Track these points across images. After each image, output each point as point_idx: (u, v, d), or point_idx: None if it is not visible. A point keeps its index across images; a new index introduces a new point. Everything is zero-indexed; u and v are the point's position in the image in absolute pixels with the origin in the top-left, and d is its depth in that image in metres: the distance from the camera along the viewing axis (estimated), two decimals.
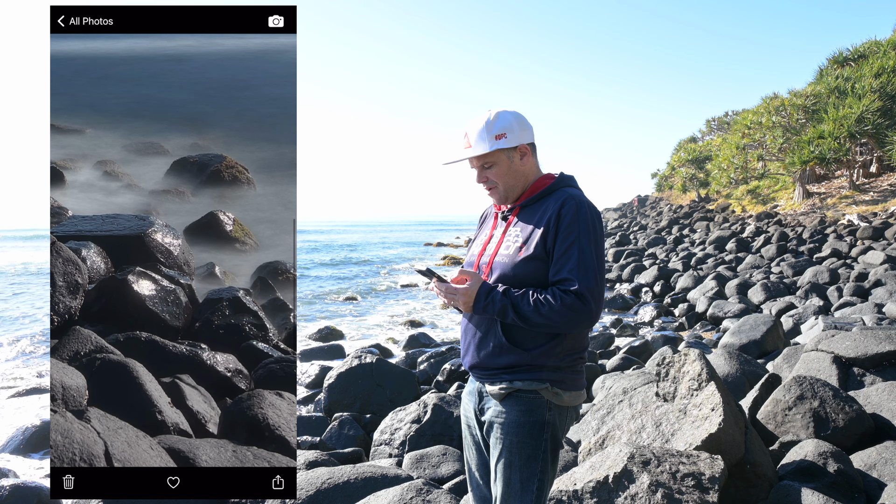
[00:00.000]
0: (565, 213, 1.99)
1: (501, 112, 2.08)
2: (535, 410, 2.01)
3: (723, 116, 39.23)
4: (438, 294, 2.06)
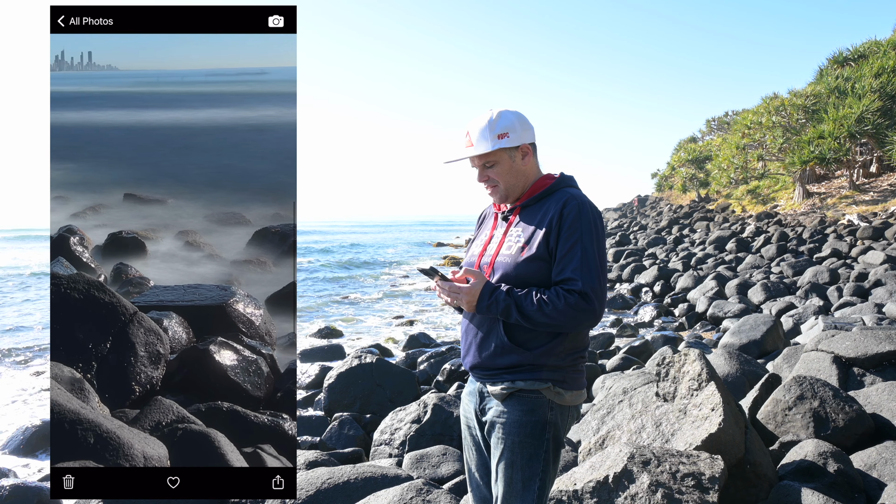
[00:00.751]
0: (567, 213, 1.99)
1: (503, 111, 2.08)
2: (536, 410, 2.02)
3: (723, 116, 39.24)
4: (441, 294, 2.06)
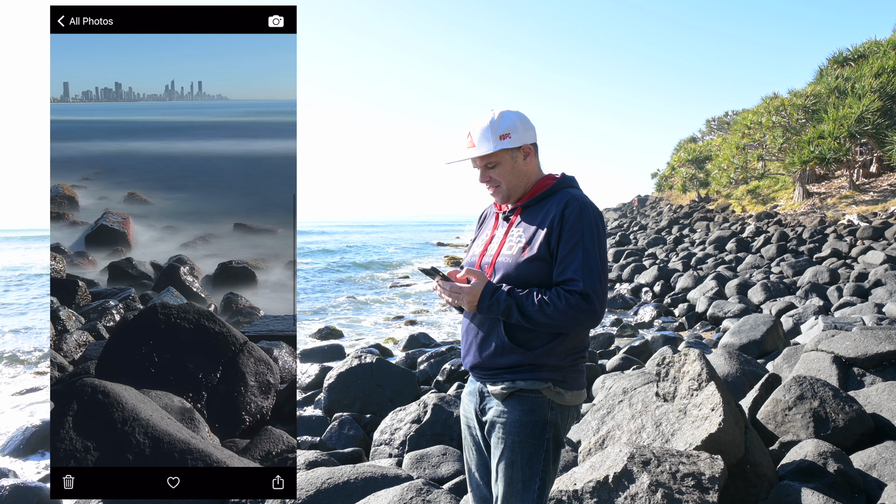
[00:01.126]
0: (569, 213, 1.99)
1: (505, 112, 2.08)
2: (537, 410, 2.02)
3: (723, 116, 39.22)
4: (442, 294, 2.06)
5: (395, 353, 8.99)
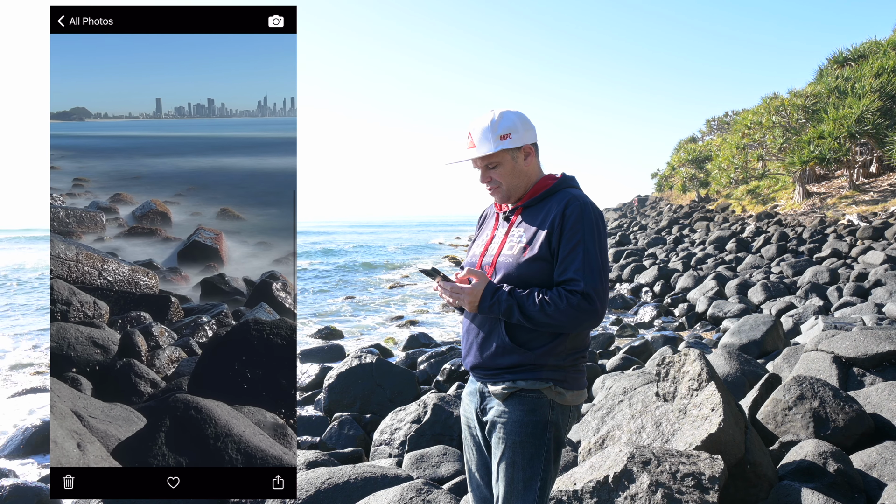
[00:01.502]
0: (569, 213, 1.99)
1: (505, 112, 2.08)
2: (538, 410, 2.02)
3: (723, 116, 39.22)
4: (443, 294, 2.06)
5: (395, 353, 8.99)
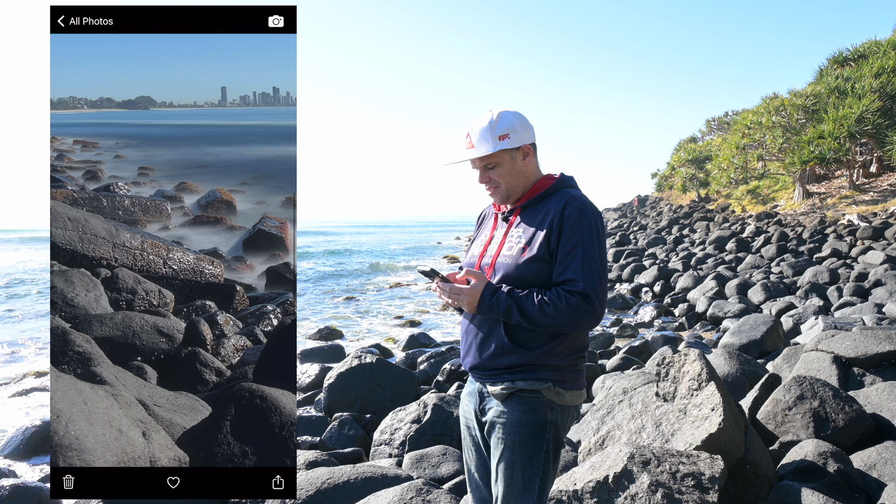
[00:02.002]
0: (568, 214, 1.99)
1: (504, 112, 2.07)
2: (537, 410, 2.02)
3: (723, 116, 39.21)
4: (441, 295, 2.06)
5: (395, 353, 8.99)
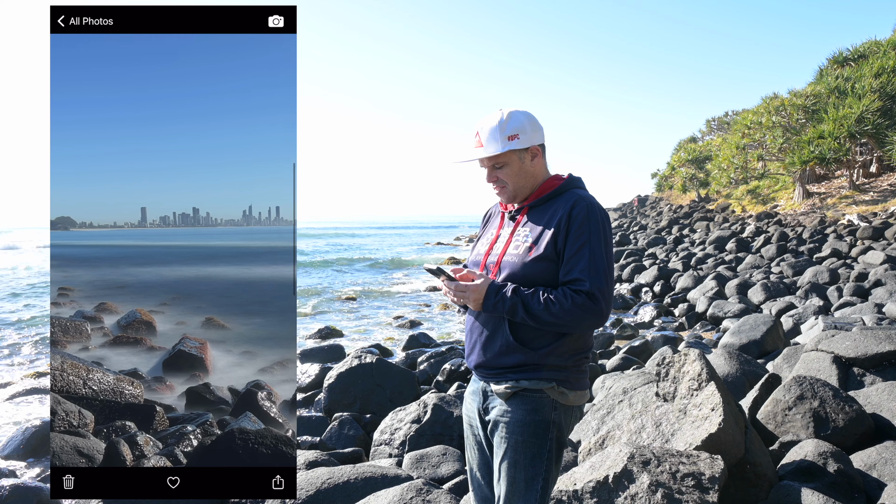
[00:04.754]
0: (576, 214, 1.99)
1: (514, 112, 2.07)
2: (540, 410, 2.02)
3: (723, 116, 39.24)
4: (447, 293, 2.06)
5: (395, 353, 8.98)
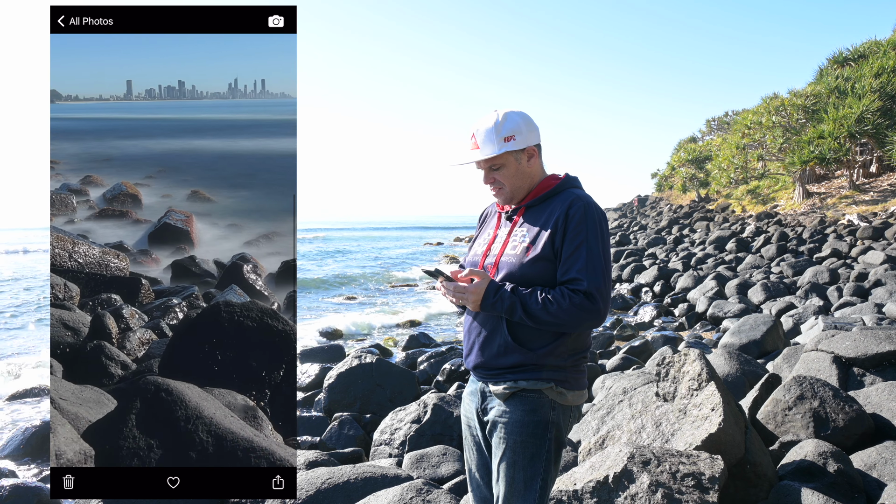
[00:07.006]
0: (573, 213, 1.99)
1: (509, 113, 2.07)
2: (538, 410, 2.02)
3: (723, 116, 39.23)
4: (445, 294, 2.06)
5: (395, 353, 8.99)
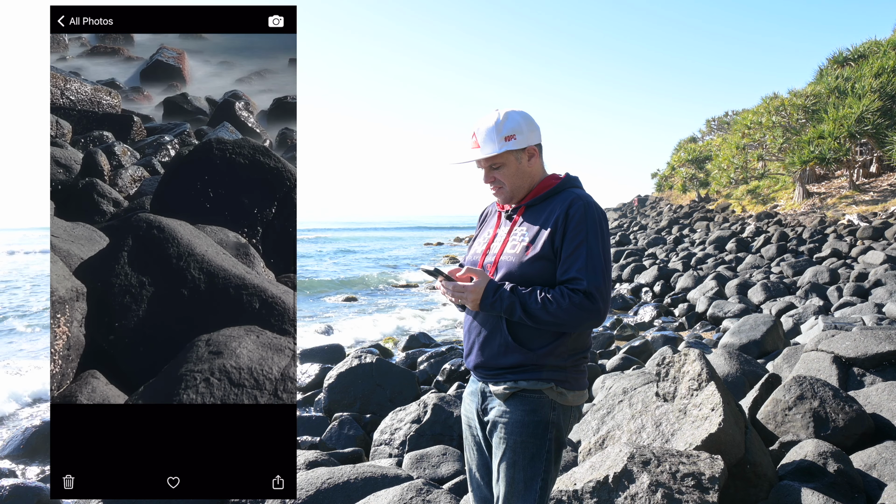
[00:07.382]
0: (573, 213, 1.99)
1: (510, 112, 2.07)
2: (539, 410, 2.02)
3: (723, 116, 39.25)
4: (445, 293, 2.06)
5: (395, 353, 8.99)
